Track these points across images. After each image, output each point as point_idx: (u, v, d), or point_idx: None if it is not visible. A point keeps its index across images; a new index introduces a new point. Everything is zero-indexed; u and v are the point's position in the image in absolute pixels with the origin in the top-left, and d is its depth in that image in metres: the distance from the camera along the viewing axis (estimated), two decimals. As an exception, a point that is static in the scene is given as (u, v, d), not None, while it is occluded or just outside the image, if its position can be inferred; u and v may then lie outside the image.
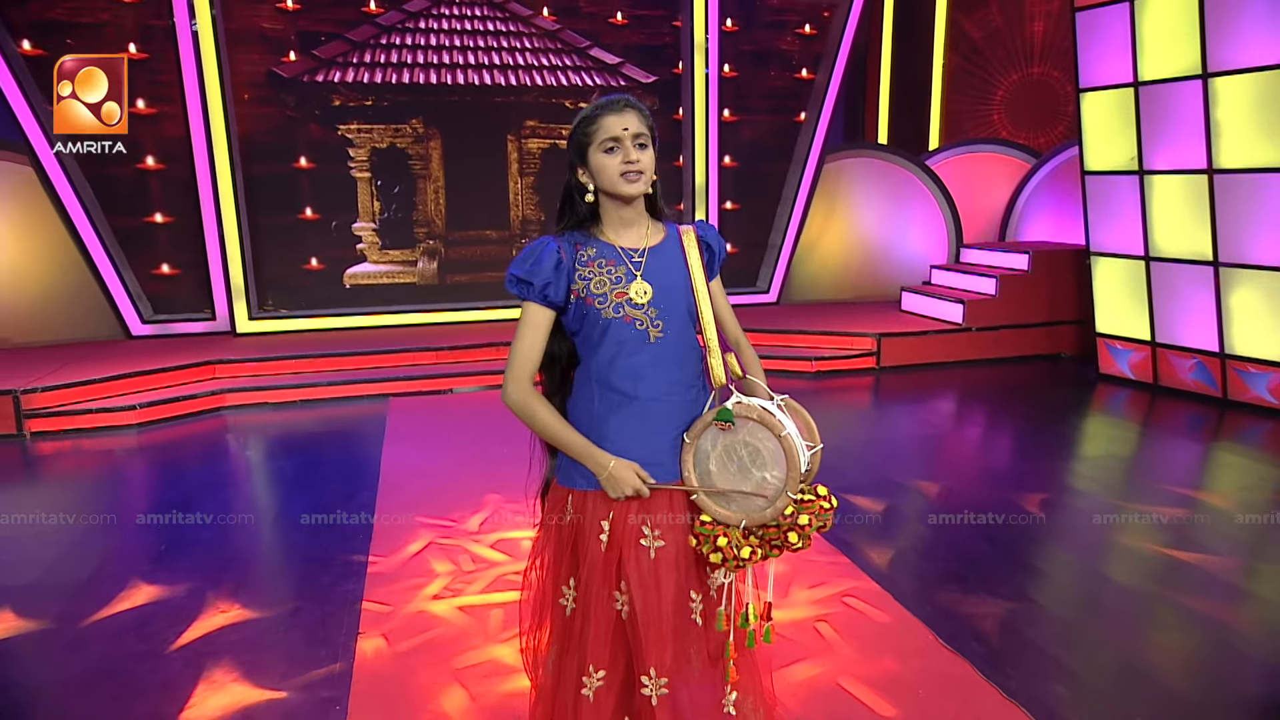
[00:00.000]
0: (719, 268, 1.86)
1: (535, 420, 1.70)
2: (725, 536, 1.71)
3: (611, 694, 1.75)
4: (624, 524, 1.71)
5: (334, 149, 6.64)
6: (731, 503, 1.73)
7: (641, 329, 1.70)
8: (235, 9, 6.27)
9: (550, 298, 1.68)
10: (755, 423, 1.70)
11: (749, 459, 1.72)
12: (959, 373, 6.33)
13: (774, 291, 7.65)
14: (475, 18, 6.79)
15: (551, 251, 1.68)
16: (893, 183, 7.69)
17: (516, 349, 1.70)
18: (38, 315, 6.17)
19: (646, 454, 1.71)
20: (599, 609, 1.72)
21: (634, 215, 1.74)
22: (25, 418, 4.90)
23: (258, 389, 5.55)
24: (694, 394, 1.77)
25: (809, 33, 7.54)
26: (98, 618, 2.84)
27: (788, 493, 1.68)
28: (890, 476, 4.12)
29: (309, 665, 2.53)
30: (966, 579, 3.07)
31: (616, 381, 1.70)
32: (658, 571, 1.71)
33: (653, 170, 1.71)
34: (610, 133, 1.64)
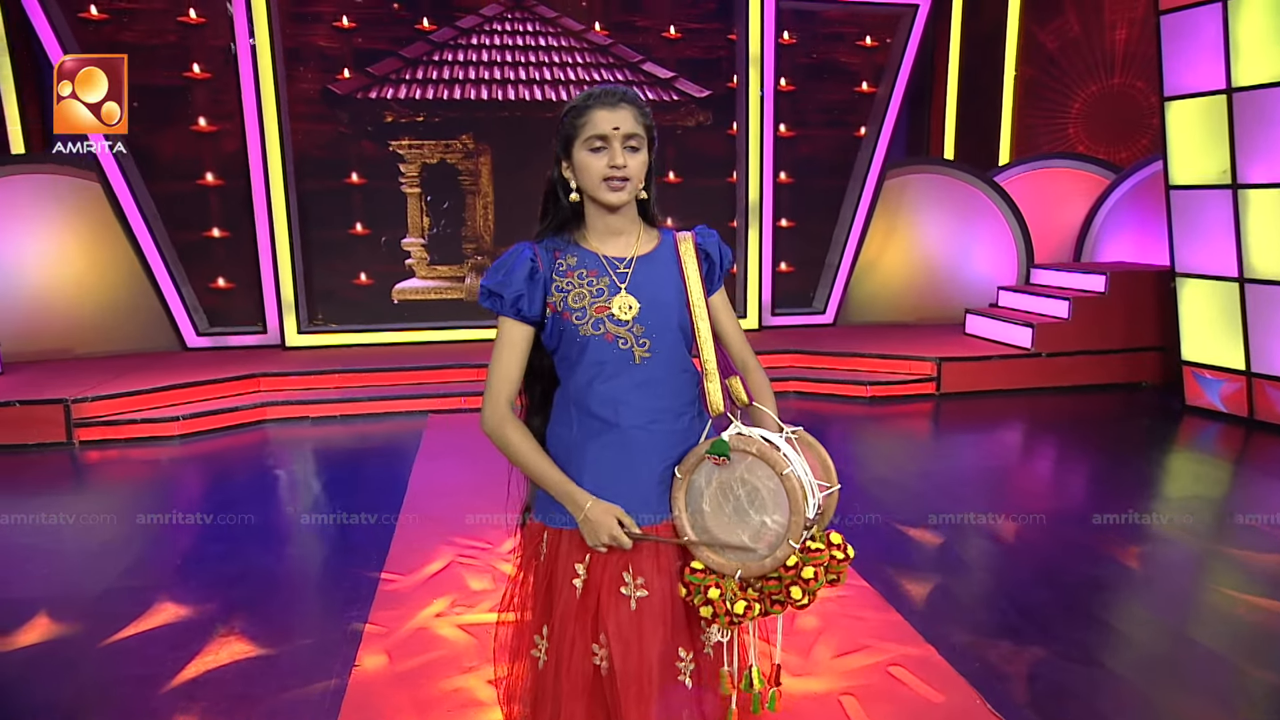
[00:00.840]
0: (721, 280, 1.65)
1: (509, 450, 1.52)
2: (718, 588, 1.49)
3: None
4: (602, 569, 1.51)
5: (385, 165, 6.67)
6: (726, 550, 1.52)
7: (625, 348, 1.51)
8: (293, 27, 6.38)
9: (524, 312, 1.50)
10: (755, 458, 1.48)
11: (747, 500, 1.51)
12: (1027, 401, 5.91)
13: (830, 312, 7.34)
14: (527, 33, 6.76)
15: (525, 260, 1.50)
16: (958, 200, 7.32)
17: (492, 371, 1.53)
18: (99, 327, 6.35)
19: (627, 489, 1.51)
20: (574, 663, 1.52)
21: (622, 223, 1.55)
22: (75, 426, 5.00)
23: (300, 403, 5.55)
24: (686, 422, 1.57)
25: (870, 45, 7.26)
26: (115, 636, 2.77)
27: (790, 541, 1.46)
28: (945, 512, 3.80)
29: (305, 680, 2.41)
30: (1022, 631, 2.75)
31: (595, 407, 1.51)
32: (640, 624, 1.50)
33: (643, 176, 1.52)
34: (598, 129, 1.45)
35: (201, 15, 6.27)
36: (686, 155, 7.15)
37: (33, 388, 5.21)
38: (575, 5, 6.80)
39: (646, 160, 1.51)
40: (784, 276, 7.42)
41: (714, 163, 7.19)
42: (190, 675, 2.52)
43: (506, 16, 6.72)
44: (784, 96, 7.16)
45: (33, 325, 6.12)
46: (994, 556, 3.45)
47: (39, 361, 5.99)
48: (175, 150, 6.43)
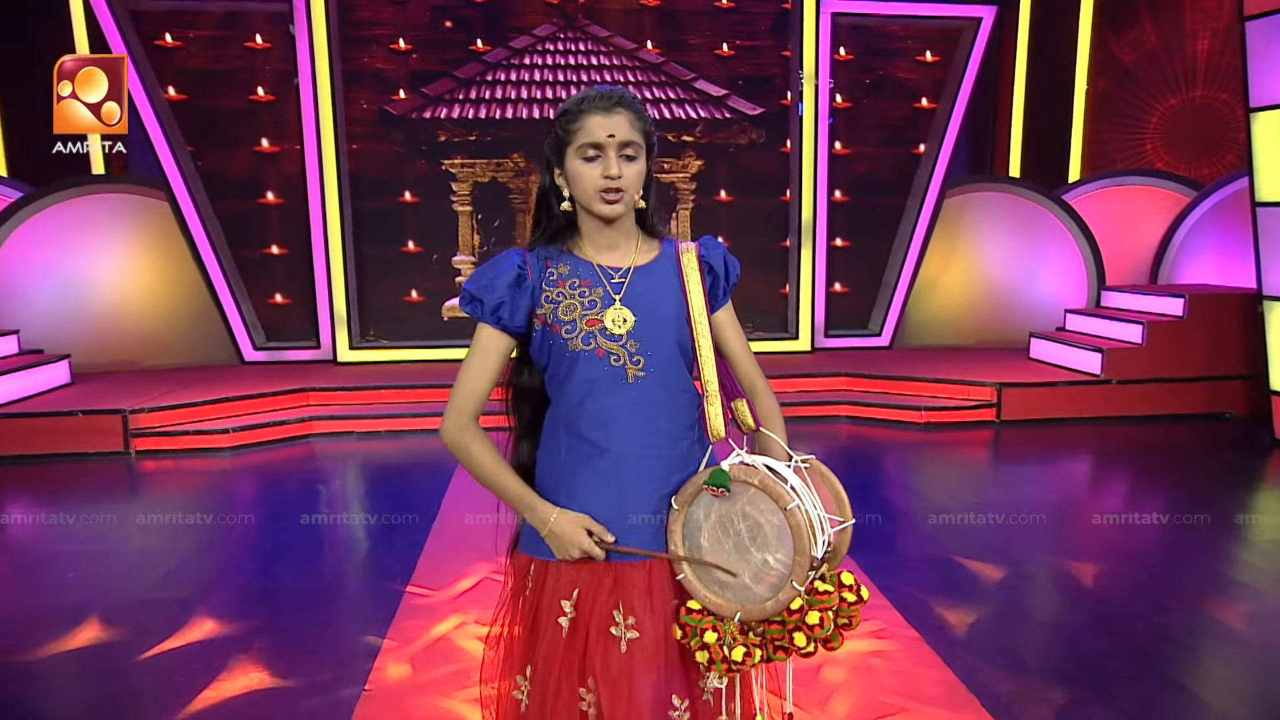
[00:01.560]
0: (729, 294, 1.53)
1: (469, 462, 1.43)
2: (715, 631, 1.37)
3: None
4: (591, 607, 1.40)
5: (438, 183, 6.76)
6: (726, 589, 1.39)
7: (617, 365, 1.40)
8: (352, 51, 6.54)
9: (504, 320, 1.40)
10: (757, 490, 1.36)
11: (748, 536, 1.38)
12: (1095, 431, 5.56)
13: (886, 335, 7.10)
14: (579, 52, 6.78)
15: (512, 266, 1.40)
16: (1023, 218, 7.01)
17: (459, 379, 1.44)
18: (164, 340, 6.57)
19: (619, 519, 1.40)
20: (559, 708, 1.41)
21: (618, 235, 1.45)
22: (132, 436, 5.15)
23: (346, 418, 5.62)
24: (684, 448, 1.45)
25: (931, 60, 7.05)
26: (153, 647, 2.79)
27: (793, 583, 1.33)
28: (1000, 549, 3.56)
29: (326, 687, 2.37)
30: (1077, 682, 2.51)
31: (585, 429, 1.41)
32: (630, 669, 1.39)
33: (641, 186, 1.42)
34: (592, 137, 1.36)
35: (267, 41, 6.49)
36: (738, 173, 7.04)
37: (95, 398, 5.40)
38: (628, 24, 6.79)
39: (644, 169, 1.41)
40: (839, 297, 7.22)
41: (767, 181, 7.06)
42: (217, 683, 2.50)
43: (559, 36, 6.76)
44: (840, 113, 7.00)
45: (103, 338, 6.37)
46: (1052, 599, 3.20)
47: (107, 373, 6.22)
48: (239, 170, 6.64)
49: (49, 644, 2.81)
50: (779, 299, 7.19)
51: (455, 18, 6.61)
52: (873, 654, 2.67)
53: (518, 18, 6.70)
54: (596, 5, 6.74)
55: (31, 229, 6.15)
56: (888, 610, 2.94)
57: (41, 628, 2.91)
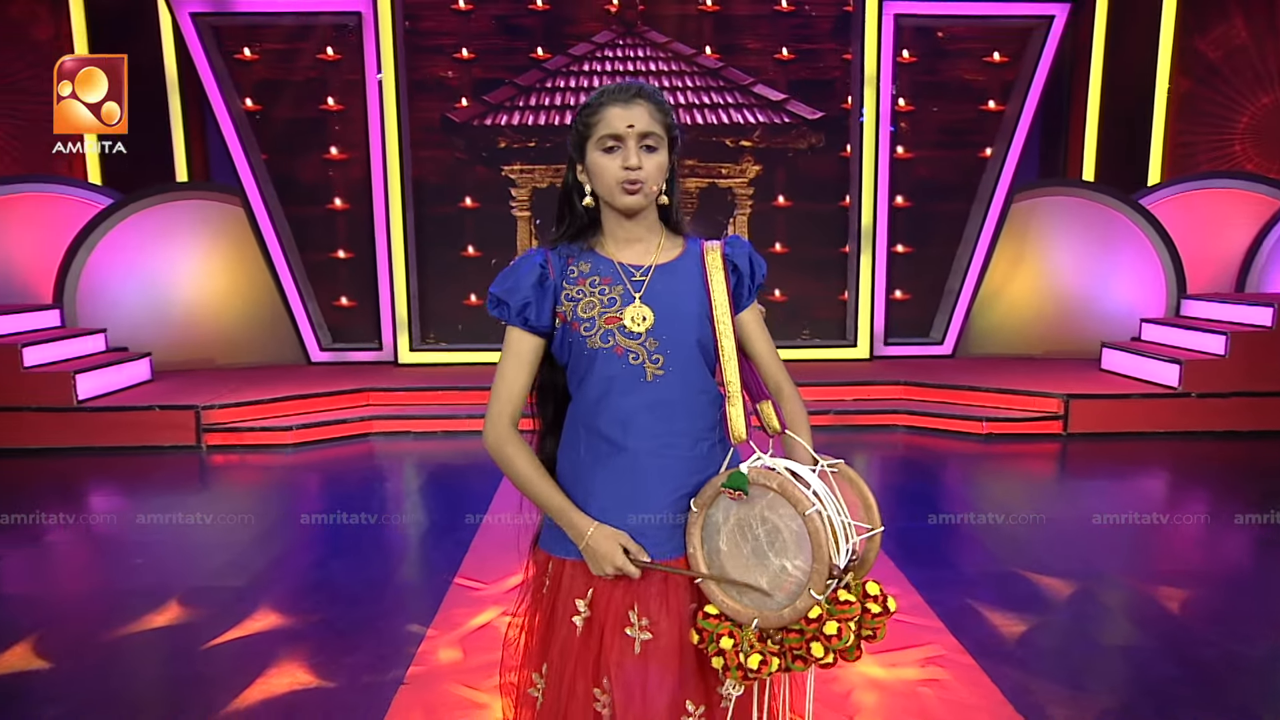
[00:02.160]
0: (754, 294, 1.50)
1: (509, 470, 1.44)
2: (732, 637, 1.34)
3: None
4: (606, 606, 1.39)
5: (497, 189, 6.87)
6: (744, 594, 1.37)
7: (636, 364, 1.39)
8: (417, 60, 6.72)
9: (531, 321, 1.41)
10: (776, 494, 1.33)
11: (766, 541, 1.35)
12: (1171, 446, 5.28)
13: (949, 343, 6.89)
14: (638, 59, 6.82)
15: (534, 266, 1.41)
16: (1096, 223, 6.72)
17: (496, 384, 1.44)
18: (237, 340, 6.86)
19: (636, 520, 1.39)
20: (574, 707, 1.40)
21: (639, 229, 1.44)
22: (204, 431, 5.38)
23: (405, 417, 5.76)
24: (704, 449, 1.43)
25: (999, 60, 6.83)
26: (170, 623, 2.91)
27: (811, 591, 1.30)
28: (1062, 566, 3.40)
29: (364, 671, 2.44)
30: (1139, 709, 2.38)
31: (604, 427, 1.40)
32: (645, 671, 1.37)
33: (662, 179, 1.41)
34: (612, 128, 1.35)
35: (337, 52, 6.72)
36: (797, 178, 6.96)
37: (172, 394, 5.67)
38: (686, 29, 6.80)
39: (665, 162, 1.39)
40: (900, 305, 7.05)
41: (826, 186, 6.95)
42: (271, 669, 2.59)
43: (618, 43, 6.80)
44: (902, 117, 6.85)
45: (182, 337, 6.69)
46: (1117, 621, 3.04)
47: (184, 371, 6.53)
48: (309, 176, 6.89)
49: (121, 624, 2.95)
50: (837, 305, 7.07)
51: (516, 27, 6.72)
52: (923, 682, 2.56)
53: (577, 25, 6.78)
54: (655, 11, 6.77)
55: (119, 234, 6.50)
56: (941, 633, 2.82)
57: (115, 609, 3.07)
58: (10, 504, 4.44)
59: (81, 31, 6.95)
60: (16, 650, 2.77)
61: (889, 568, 3.36)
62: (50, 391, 5.30)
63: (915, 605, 3.02)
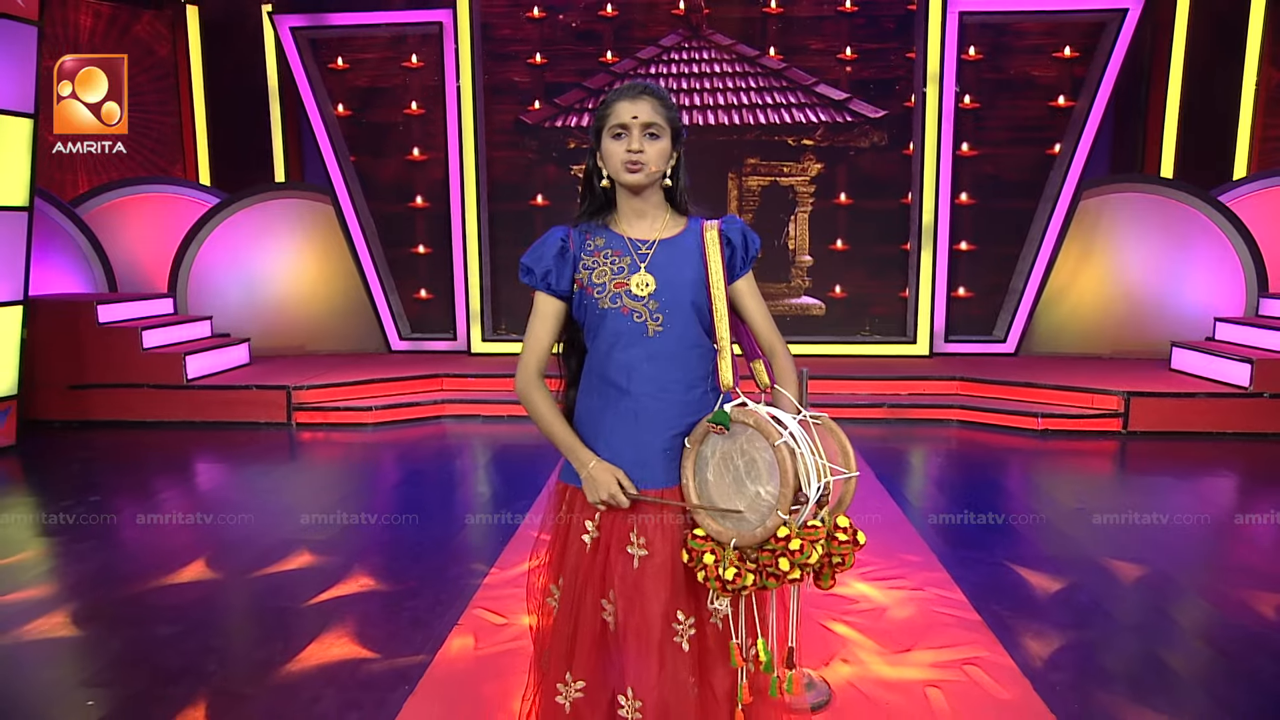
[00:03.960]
0: (748, 265, 1.71)
1: (532, 410, 1.69)
2: (713, 554, 1.55)
3: (596, 712, 1.65)
4: (611, 528, 1.63)
5: (566, 187, 7.20)
6: (725, 518, 1.58)
7: (639, 321, 1.63)
8: (493, 66, 7.11)
9: (553, 286, 1.65)
10: (753, 429, 1.54)
11: (745, 470, 1.56)
12: (1239, 446, 5.15)
13: (1012, 341, 6.85)
14: (703, 60, 7.03)
15: (556, 240, 1.66)
16: (1169, 221, 6.56)
17: (525, 339, 1.70)
18: (326, 328, 7.41)
19: (636, 454, 1.62)
20: (583, 615, 1.64)
21: (646, 206, 1.67)
22: (294, 410, 5.88)
23: (475, 402, 6.14)
24: (696, 395, 1.65)
25: (1069, 56, 6.75)
26: (266, 572, 3.31)
27: (779, 511, 1.50)
28: (1102, 559, 3.45)
29: (402, 647, 2.73)
30: (1149, 691, 2.46)
31: (611, 374, 1.64)
32: (642, 583, 1.60)
33: (662, 163, 1.63)
34: (619, 119, 1.59)
35: (420, 60, 7.18)
36: (859, 176, 7.03)
37: (267, 376, 6.21)
38: (750, 31, 6.97)
39: (668, 148, 1.61)
40: (962, 302, 7.04)
41: (888, 184, 7.00)
42: (326, 601, 2.95)
43: (684, 46, 7.03)
44: (967, 114, 6.84)
45: (277, 325, 7.28)
46: (1172, 629, 3.06)
47: (278, 356, 7.10)
48: (392, 176, 7.37)
49: (223, 565, 3.37)
50: (898, 303, 7.11)
51: (587, 32, 7.04)
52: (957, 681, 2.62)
53: (645, 29, 7.04)
54: (720, 14, 6.97)
55: (224, 231, 7.13)
56: (979, 630, 2.81)
57: (218, 554, 3.50)
58: (130, 469, 5.02)
59: (196, 47, 7.64)
60: (135, 585, 3.22)
61: (925, 552, 3.48)
62: (164, 371, 5.90)
63: (959, 603, 3.11)
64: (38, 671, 2.65)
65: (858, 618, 2.88)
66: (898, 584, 3.16)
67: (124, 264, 7.11)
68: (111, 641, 2.80)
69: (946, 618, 2.88)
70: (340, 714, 2.33)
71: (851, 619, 2.87)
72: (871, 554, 3.43)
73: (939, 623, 2.83)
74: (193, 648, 2.73)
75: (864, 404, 5.91)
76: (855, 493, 1.58)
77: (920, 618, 2.87)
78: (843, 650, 2.65)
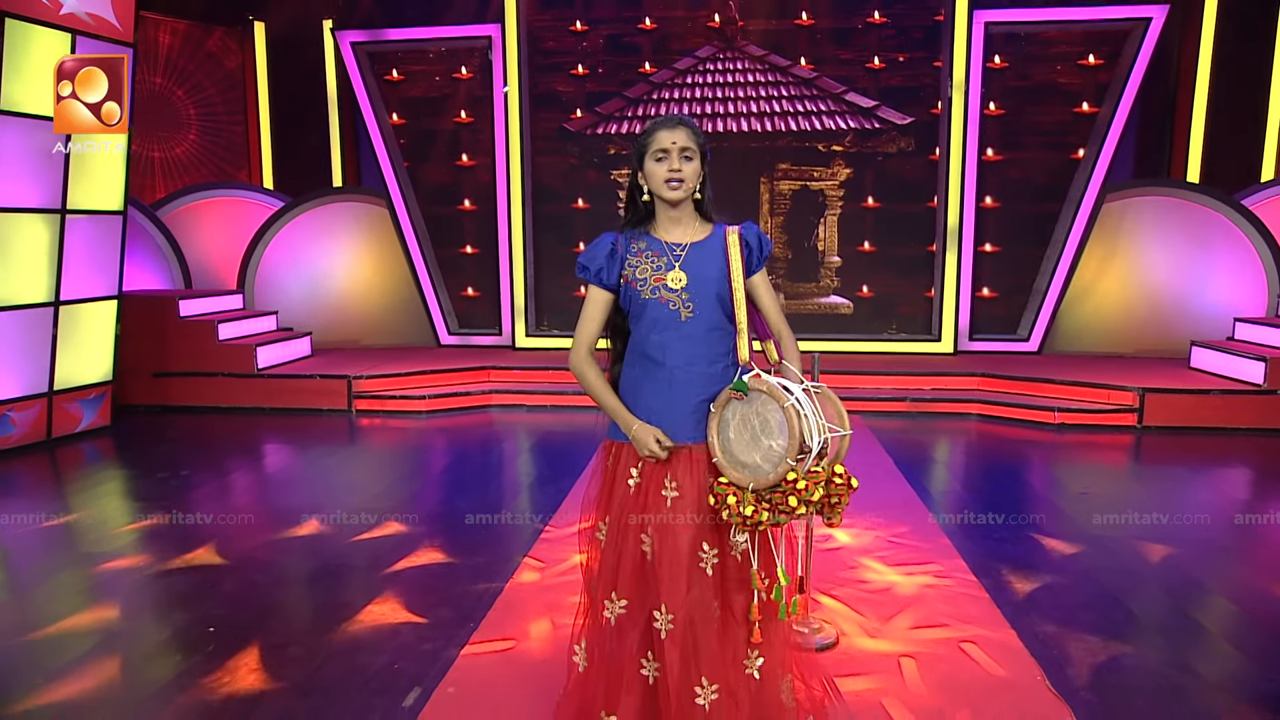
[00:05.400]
0: (762, 263, 2.04)
1: (584, 383, 2.06)
2: (735, 496, 1.91)
3: (635, 629, 1.98)
4: (650, 474, 1.99)
5: (607, 191, 7.60)
6: (744, 467, 1.92)
7: (674, 309, 1.98)
8: (539, 77, 7.54)
9: (604, 280, 2.02)
10: (766, 395, 1.89)
11: (759, 428, 1.91)
12: (1254, 442, 5.35)
13: (1035, 340, 7.07)
14: (737, 70, 7.37)
15: (607, 243, 2.03)
16: (1191, 224, 6.73)
17: (579, 323, 2.07)
18: (380, 323, 7.90)
19: (669, 414, 1.97)
20: (626, 545, 1.99)
21: (681, 215, 2.02)
22: (354, 398, 6.36)
23: (520, 392, 6.56)
24: (719, 369, 2.00)
25: (1093, 63, 6.95)
26: (364, 536, 3.75)
27: (788, 459, 1.85)
28: (1092, 534, 3.74)
29: (480, 578, 3.15)
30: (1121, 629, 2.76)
31: (650, 351, 2.00)
32: (674, 520, 1.96)
33: (696, 181, 1.98)
34: (661, 145, 1.94)
35: (469, 71, 7.63)
36: (886, 181, 7.32)
37: (329, 366, 6.71)
38: (783, 42, 7.29)
39: (699, 168, 1.97)
40: (987, 302, 7.28)
41: (915, 188, 7.28)
42: (397, 569, 3.37)
43: (719, 57, 7.38)
44: (992, 120, 7.08)
45: (336, 320, 7.79)
46: (1126, 576, 3.36)
47: (338, 349, 7.61)
48: (443, 180, 7.84)
49: (291, 529, 3.82)
50: (924, 302, 7.38)
51: (627, 44, 7.43)
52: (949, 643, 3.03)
53: (682, 41, 7.41)
54: (754, 26, 7.30)
55: (288, 232, 7.66)
56: (986, 606, 3.14)
57: (289, 522, 3.95)
58: (208, 449, 5.53)
59: (262, 60, 8.20)
60: (206, 548, 3.68)
61: (938, 535, 3.80)
62: (237, 360, 6.42)
63: (965, 580, 3.44)
64: (166, 605, 3.12)
65: (862, 591, 3.22)
66: (911, 569, 3.45)
67: (198, 262, 7.69)
68: (223, 584, 3.25)
69: (954, 594, 3.13)
70: (434, 610, 2.76)
71: (857, 593, 3.21)
72: (884, 528, 3.76)
73: (945, 598, 3.12)
74: (293, 588, 3.18)
75: (888, 397, 6.21)
76: (849, 447, 1.93)
77: (927, 592, 3.16)
78: (846, 617, 2.99)
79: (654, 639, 1.97)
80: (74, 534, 3.93)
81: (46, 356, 5.48)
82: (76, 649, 2.76)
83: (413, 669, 2.60)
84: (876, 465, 4.81)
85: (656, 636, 1.96)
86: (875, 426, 5.69)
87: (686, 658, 1.94)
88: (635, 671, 2.01)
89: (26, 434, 5.40)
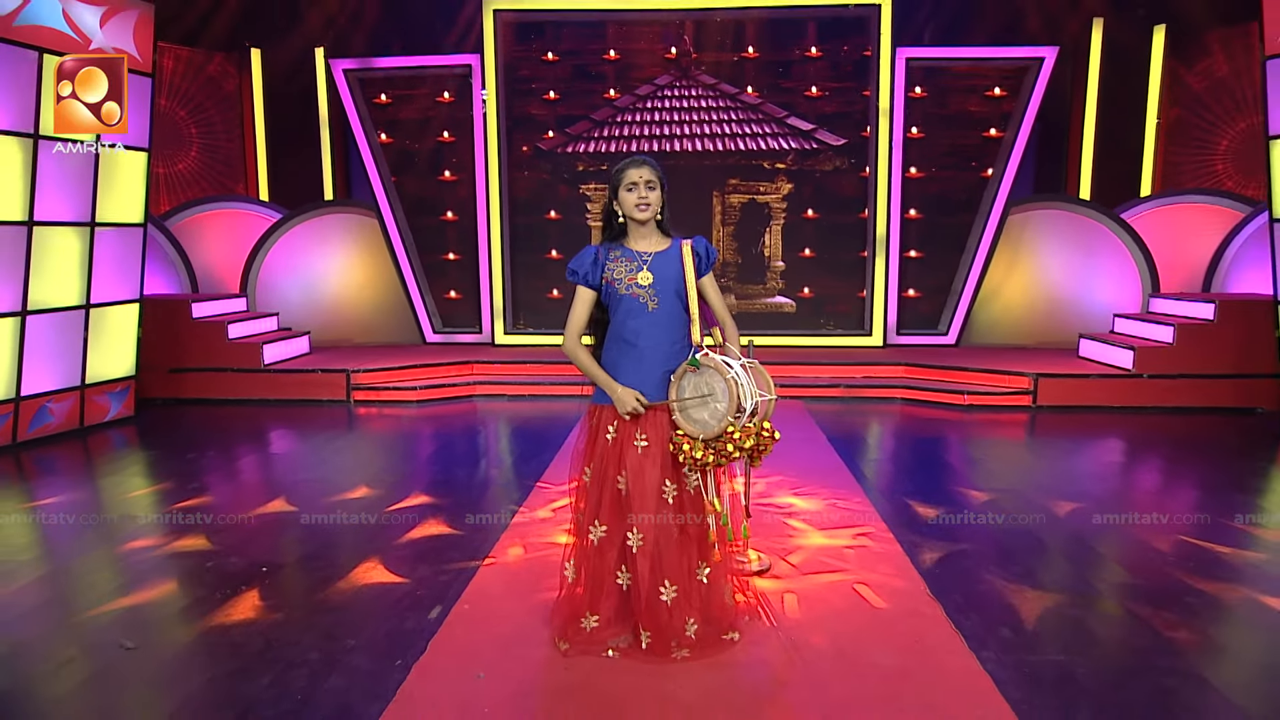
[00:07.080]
0: (709, 267, 2.78)
1: (577, 361, 2.85)
2: (688, 443, 2.70)
3: (613, 548, 2.70)
4: (624, 429, 2.79)
5: (576, 204, 8.45)
6: (694, 422, 2.72)
7: (643, 302, 2.73)
8: (514, 101, 8.37)
9: (589, 281, 2.76)
10: (713, 369, 2.71)
11: (707, 393, 2.66)
12: (1126, 418, 6.36)
13: (953, 334, 8.09)
14: (691, 97, 8.29)
15: (591, 253, 2.78)
16: (1081, 234, 7.82)
17: (570, 315, 2.85)
18: (371, 323, 8.65)
19: (642, 382, 2.74)
20: (606, 484, 2.73)
21: (647, 231, 2.78)
22: (352, 390, 7.12)
23: (501, 384, 7.37)
24: (678, 348, 2.73)
25: (998, 94, 8.01)
26: (393, 509, 4.54)
27: (728, 416, 2.66)
28: (986, 494, 4.69)
29: (474, 538, 3.97)
30: (1026, 574, 3.68)
31: (626, 335, 2.74)
32: (643, 463, 2.68)
33: (659, 204, 2.71)
34: (631, 179, 2.68)
35: (452, 96, 8.43)
36: (824, 195, 8.29)
37: (327, 362, 7.45)
38: (733, 72, 8.23)
39: (660, 195, 2.73)
40: (912, 301, 8.29)
41: (849, 202, 8.26)
42: (405, 539, 4.18)
43: (675, 85, 8.29)
44: (914, 143, 8.10)
45: (331, 320, 8.52)
46: (1038, 537, 4.29)
47: (333, 346, 8.34)
48: (427, 194, 8.62)
49: (300, 507, 4.61)
50: (857, 302, 8.36)
51: (593, 73, 8.30)
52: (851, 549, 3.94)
53: (642, 71, 8.30)
54: (706, 58, 8.23)
55: (286, 241, 8.37)
56: (891, 545, 4.16)
57: (297, 499, 4.72)
58: (220, 437, 6.24)
59: (259, 83, 8.90)
60: (223, 527, 4.46)
61: (859, 493, 4.72)
62: (245, 357, 7.14)
63: (882, 529, 4.35)
64: (183, 562, 3.85)
65: (791, 545, 4.11)
66: (836, 531, 4.37)
67: (203, 268, 8.36)
68: (246, 549, 4.03)
69: (870, 551, 3.69)
70: (438, 568, 3.59)
71: (785, 545, 4.11)
72: (816, 495, 4.67)
73: (860, 552, 3.68)
74: (307, 548, 3.97)
75: (825, 384, 7.16)
76: (775, 410, 2.76)
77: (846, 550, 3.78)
78: (785, 543, 3.88)
79: (627, 554, 2.63)
80: (113, 505, 4.58)
81: (79, 354, 6.15)
82: (145, 574, 3.54)
83: (430, 595, 3.29)
84: (812, 441, 5.68)
85: (629, 552, 2.62)
86: (813, 410, 6.61)
87: (654, 567, 2.61)
88: (613, 581, 2.69)
89: (62, 423, 6.07)
